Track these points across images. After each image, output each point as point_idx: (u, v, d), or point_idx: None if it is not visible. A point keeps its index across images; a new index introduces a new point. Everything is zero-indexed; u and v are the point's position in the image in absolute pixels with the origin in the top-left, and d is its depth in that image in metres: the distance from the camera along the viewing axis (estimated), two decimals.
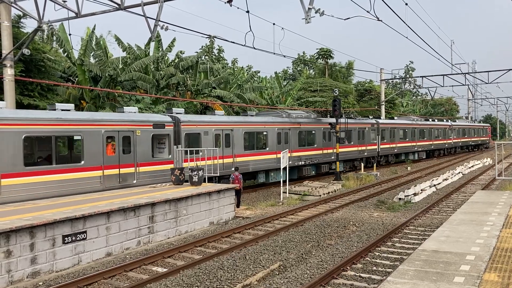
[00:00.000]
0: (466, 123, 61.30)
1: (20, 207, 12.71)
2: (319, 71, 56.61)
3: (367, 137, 34.50)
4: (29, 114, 14.63)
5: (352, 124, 32.11)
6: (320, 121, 29.33)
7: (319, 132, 28.96)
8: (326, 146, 29.55)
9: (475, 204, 13.60)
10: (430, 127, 46.80)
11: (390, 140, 38.34)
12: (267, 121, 25.02)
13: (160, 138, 18.87)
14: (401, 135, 40.48)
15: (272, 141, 25.01)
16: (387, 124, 38.36)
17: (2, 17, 17.35)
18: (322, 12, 15.96)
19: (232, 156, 22.46)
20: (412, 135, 42.46)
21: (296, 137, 26.81)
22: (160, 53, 32.14)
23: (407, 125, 42.03)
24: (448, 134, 51.56)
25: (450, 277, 6.91)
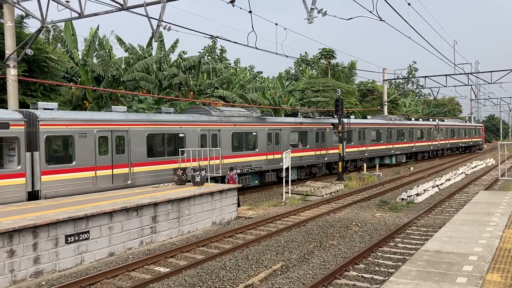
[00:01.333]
0: (455, 122, 56.67)
1: (23, 207, 12.75)
2: (322, 71, 56.58)
3: (329, 139, 29.62)
4: None
5: (309, 125, 27.92)
6: (264, 120, 24.62)
7: (262, 134, 24.12)
8: (273, 151, 24.80)
9: (478, 205, 13.57)
10: (411, 127, 42.13)
11: (359, 143, 33.57)
12: (185, 120, 20.00)
13: (7, 143, 14.25)
14: (374, 136, 35.78)
15: (191, 145, 19.91)
16: (354, 124, 32.93)
17: (5, 17, 17.40)
18: (324, 12, 15.94)
19: (128, 166, 17.30)
20: (388, 136, 37.65)
21: (229, 140, 22.05)
22: (162, 53, 32.18)
23: (381, 125, 37.13)
24: (433, 135, 46.77)
25: (452, 278, 6.90)
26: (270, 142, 24.75)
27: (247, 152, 23.24)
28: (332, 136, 29.59)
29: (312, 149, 28.21)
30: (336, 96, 35.40)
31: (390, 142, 38.06)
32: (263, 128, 24.36)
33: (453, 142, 53.43)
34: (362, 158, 34.50)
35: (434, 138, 47.04)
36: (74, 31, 28.67)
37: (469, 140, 59.79)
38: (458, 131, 54.91)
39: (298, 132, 27.07)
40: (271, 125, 24.95)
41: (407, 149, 41.26)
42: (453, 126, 53.34)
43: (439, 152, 49.99)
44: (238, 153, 22.68)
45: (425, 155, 46.52)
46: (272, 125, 25.01)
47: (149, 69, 30.49)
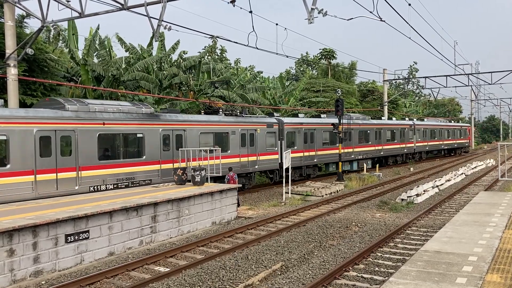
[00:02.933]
0: (436, 122, 50.96)
1: (23, 206, 12.75)
2: (322, 71, 56.59)
3: (261, 143, 24.30)
4: None
5: (231, 124, 22.67)
6: (157, 118, 18.97)
7: (153, 135, 18.62)
8: (172, 158, 19.38)
9: (478, 205, 13.57)
10: (378, 128, 36.41)
11: (305, 147, 27.96)
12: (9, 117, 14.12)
13: None
14: (326, 138, 30.09)
15: (23, 154, 14.26)
16: (297, 124, 27.52)
17: (5, 17, 17.41)
18: (325, 12, 15.94)
19: None
20: (347, 138, 31.49)
21: (92, 145, 16.39)
22: (163, 53, 32.19)
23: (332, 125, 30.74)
24: (408, 136, 41.24)
25: (452, 278, 6.90)
26: (168, 146, 19.23)
27: (128, 160, 17.60)
28: (267, 138, 24.65)
29: (236, 155, 22.79)
30: (336, 96, 35.33)
31: (349, 145, 32.06)
32: (155, 128, 18.68)
33: (434, 144, 47.78)
34: (310, 165, 28.70)
35: (409, 140, 41.65)
36: (76, 30, 28.67)
37: (453, 142, 53.73)
38: (440, 131, 49.08)
39: (214, 133, 21.59)
40: (169, 125, 19.37)
41: (373, 153, 35.45)
42: (434, 126, 47.67)
43: (416, 155, 44.42)
44: (111, 162, 16.99)
45: (397, 159, 40.63)
46: (170, 124, 19.42)
47: (149, 69, 30.50)
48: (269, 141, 24.88)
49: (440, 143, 49.62)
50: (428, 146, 46.43)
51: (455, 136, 53.99)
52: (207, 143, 21.33)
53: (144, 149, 18.29)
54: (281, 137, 25.78)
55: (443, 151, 52.47)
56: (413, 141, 42.50)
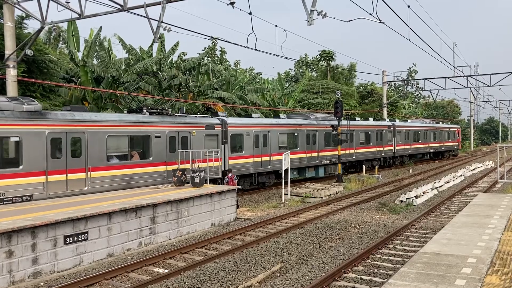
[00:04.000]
0: (421, 123, 46.74)
1: (22, 207, 12.74)
2: (321, 73, 56.65)
3: (197, 148, 20.43)
4: None
5: (154, 126, 18.72)
6: (42, 117, 15.09)
7: (36, 139, 14.72)
8: (66, 168, 15.46)
9: (477, 207, 13.58)
10: (350, 129, 31.30)
11: (256, 152, 24.09)
12: None
13: None
14: (284, 142, 26.54)
15: None
16: (246, 125, 23.73)
17: (5, 18, 17.41)
18: (324, 14, 15.96)
19: None
20: (311, 141, 28.30)
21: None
22: (162, 55, 32.22)
23: (298, 127, 27.49)
24: (386, 139, 37.38)
25: (451, 280, 6.90)
26: (59, 154, 15.33)
27: None
28: (205, 142, 21.02)
29: (161, 162, 18.94)
30: (335, 98, 35.25)
31: (313, 149, 28.56)
32: (39, 130, 14.80)
33: (418, 147, 43.88)
34: (263, 172, 25.13)
35: (388, 142, 37.87)
36: (76, 31, 28.68)
37: (440, 145, 49.61)
38: (425, 133, 45.20)
39: (130, 136, 17.75)
40: (61, 125, 15.45)
41: (343, 157, 31.10)
42: (418, 128, 43.88)
43: (396, 159, 40.48)
44: None
45: (373, 163, 36.14)
46: (63, 125, 15.50)
47: (148, 70, 30.51)
48: (208, 145, 21.06)
49: (425, 146, 45.58)
50: (411, 150, 42.47)
51: (442, 138, 50.08)
52: (118, 148, 17.43)
53: (21, 157, 14.25)
54: (224, 140, 22.12)
55: (428, 154, 48.57)
56: (393, 144, 38.63)
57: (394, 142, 38.96)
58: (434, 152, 49.12)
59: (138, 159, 17.97)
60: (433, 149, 47.98)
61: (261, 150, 24.58)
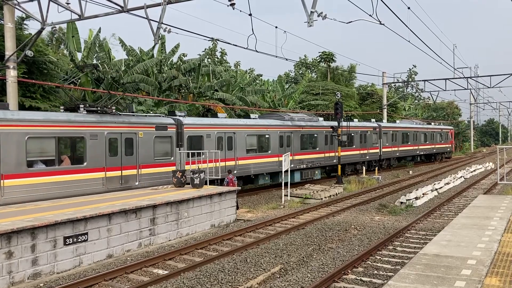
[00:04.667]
0: (411, 124, 43.89)
1: (22, 208, 12.73)
2: (321, 74, 56.67)
3: (144, 152, 17.89)
4: None
5: (90, 126, 16.26)
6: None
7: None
8: None
9: (476, 209, 13.57)
10: (329, 131, 29.42)
11: (222, 155, 21.55)
12: None
13: None
14: (253, 144, 23.87)
15: None
16: (206, 126, 21.17)
17: (5, 19, 17.43)
18: (324, 15, 15.97)
19: None
20: (284, 143, 25.94)
21: None
22: (163, 56, 32.24)
23: (268, 128, 24.92)
24: (370, 140, 34.74)
25: (451, 281, 6.89)
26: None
27: None
28: (156, 145, 18.41)
29: (98, 168, 16.34)
30: (335, 99, 35.23)
31: (303, 151, 27.07)
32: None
33: (406, 149, 41.31)
34: (247, 174, 23.70)
35: (373, 144, 35.28)
36: (76, 32, 28.69)
37: (431, 147, 47.06)
38: (414, 135, 42.68)
39: (57, 138, 15.21)
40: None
41: (323, 161, 29.08)
42: (406, 129, 41.29)
43: (383, 163, 37.99)
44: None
45: (357, 167, 33.97)
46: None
47: (149, 71, 30.53)
48: (160, 148, 18.64)
49: (415, 148, 43.03)
50: (399, 152, 39.87)
51: (434, 140, 47.57)
52: (43, 152, 15.06)
53: None
54: (180, 143, 19.62)
55: (419, 157, 45.95)
56: (378, 146, 36.03)
57: (380, 144, 36.32)
58: (425, 154, 46.55)
59: (69, 164, 15.48)
60: (424, 151, 45.26)
61: (225, 153, 22.15)
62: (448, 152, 53.00)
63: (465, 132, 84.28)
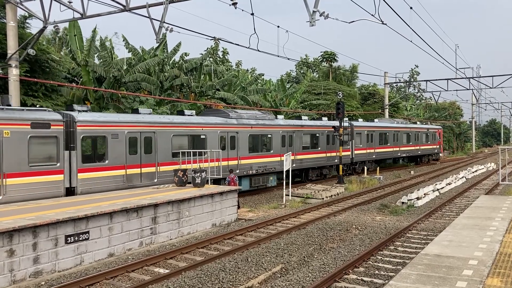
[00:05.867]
0: (391, 123, 40.10)
1: (23, 207, 12.75)
2: (323, 74, 56.63)
3: (11, 156, 14.03)
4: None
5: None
6: None
7: None
8: None
9: (478, 209, 13.55)
10: (287, 130, 26.26)
11: (131, 161, 17.71)
12: None
13: None
14: (183, 146, 20.03)
15: None
16: (111, 124, 17.31)
17: (8, 18, 17.46)
18: (326, 15, 15.96)
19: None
20: (232, 145, 22.65)
21: None
22: (165, 55, 32.25)
23: (196, 126, 20.78)
24: (339, 141, 29.61)
25: (452, 282, 6.88)
26: None
27: None
28: (31, 148, 14.48)
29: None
30: (337, 99, 35.09)
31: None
32: None
33: (385, 151, 37.56)
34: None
35: (345, 146, 31.33)
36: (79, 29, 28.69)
37: (416, 148, 43.29)
38: (394, 135, 38.83)
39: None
40: None
41: (280, 165, 24.79)
42: (384, 129, 37.48)
43: (356, 166, 33.89)
44: None
45: (323, 171, 30.25)
46: None
47: (150, 71, 30.54)
48: (38, 152, 14.77)
49: (395, 150, 39.18)
50: (376, 154, 35.99)
51: (418, 140, 43.70)
52: None
53: None
54: (71, 145, 15.96)
55: (400, 159, 42.83)
56: (350, 148, 32.43)
57: (352, 145, 32.55)
58: (408, 156, 42.91)
59: None
60: (406, 153, 41.49)
61: (140, 158, 18.12)
62: (435, 154, 49.28)
63: (467, 132, 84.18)
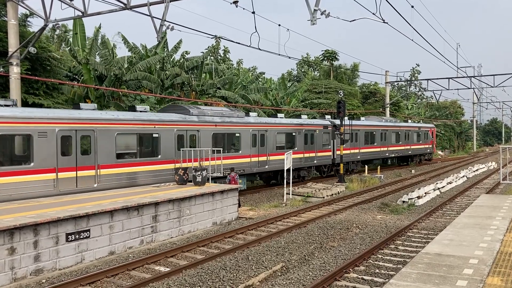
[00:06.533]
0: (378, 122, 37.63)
1: (24, 205, 12.77)
2: (324, 72, 56.62)
3: None
4: None
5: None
6: None
7: None
8: None
9: (479, 208, 13.55)
10: (259, 129, 24.02)
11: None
12: None
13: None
14: (141, 145, 17.90)
15: None
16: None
17: (9, 16, 17.46)
18: (327, 14, 15.95)
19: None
20: (179, 145, 19.41)
21: None
22: (165, 53, 32.25)
23: (145, 124, 18.00)
24: (319, 141, 28.63)
25: (453, 281, 6.88)
26: None
27: None
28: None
29: None
30: (338, 97, 35.00)
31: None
32: None
33: (372, 151, 35.10)
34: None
35: (324, 146, 29.33)
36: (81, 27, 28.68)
37: (406, 148, 40.81)
38: (382, 134, 36.41)
39: None
40: None
41: (250, 167, 23.41)
42: (371, 127, 35.12)
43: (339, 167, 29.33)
44: None
45: (301, 173, 27.80)
46: None
47: (151, 69, 30.54)
48: None
49: (383, 150, 36.88)
50: (361, 155, 33.81)
51: (409, 140, 41.38)
52: None
53: None
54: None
55: (389, 160, 40.54)
56: (331, 149, 30.10)
57: (334, 145, 30.06)
58: (398, 156, 40.60)
59: None
60: (396, 153, 39.09)
61: (76, 160, 15.59)
62: (428, 154, 46.45)
63: (468, 131, 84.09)
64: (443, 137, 72.60)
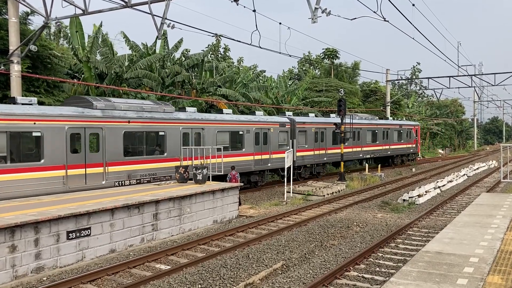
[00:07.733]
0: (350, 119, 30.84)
1: (25, 203, 12.79)
2: (325, 71, 56.57)
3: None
4: None
5: None
6: None
7: None
8: None
9: (479, 207, 13.55)
10: (196, 125, 20.52)
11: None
12: None
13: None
14: (14, 147, 14.10)
15: None
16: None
17: (9, 14, 17.45)
18: (328, 12, 15.93)
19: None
20: (72, 148, 15.55)
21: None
22: (166, 51, 32.22)
23: (31, 119, 14.48)
24: (275, 141, 25.43)
25: (453, 279, 6.89)
26: None
27: None
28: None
29: None
30: (339, 96, 34.91)
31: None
32: None
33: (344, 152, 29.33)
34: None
35: (280, 147, 25.81)
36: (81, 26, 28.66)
37: (385, 148, 37.31)
38: (355, 133, 32.88)
39: None
40: None
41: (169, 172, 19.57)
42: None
43: (301, 171, 28.33)
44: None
45: (251, 178, 24.62)
46: None
47: (152, 67, 30.52)
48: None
49: (356, 151, 33.44)
50: (328, 156, 30.06)
51: (388, 139, 37.76)
52: None
53: None
54: None
55: (365, 161, 36.56)
56: (290, 148, 26.29)
57: (294, 146, 26.97)
58: (375, 157, 37.30)
59: None
60: (371, 154, 35.63)
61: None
62: (411, 154, 42.79)
63: (469, 130, 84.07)
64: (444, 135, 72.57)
